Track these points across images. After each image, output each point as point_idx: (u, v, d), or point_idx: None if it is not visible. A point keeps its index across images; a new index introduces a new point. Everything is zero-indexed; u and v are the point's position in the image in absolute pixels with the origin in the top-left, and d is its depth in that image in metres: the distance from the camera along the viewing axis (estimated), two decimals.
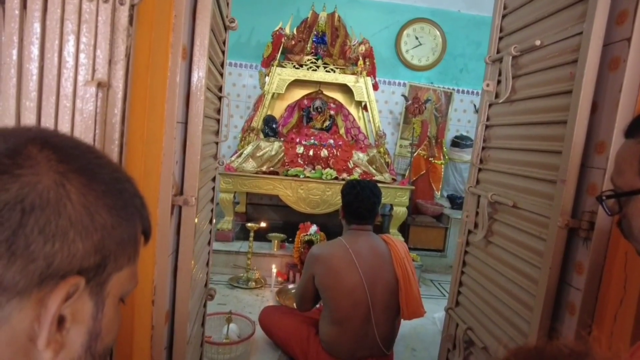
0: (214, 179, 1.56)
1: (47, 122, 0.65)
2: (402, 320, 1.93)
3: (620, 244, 1.02)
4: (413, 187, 3.80)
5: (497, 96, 1.57)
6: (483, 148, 1.63)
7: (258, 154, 3.55)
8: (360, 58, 3.89)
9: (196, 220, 1.14)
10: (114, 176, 0.39)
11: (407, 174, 4.15)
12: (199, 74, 1.03)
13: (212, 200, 1.55)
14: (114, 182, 0.38)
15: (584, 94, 1.09)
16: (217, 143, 1.53)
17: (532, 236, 1.28)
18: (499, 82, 1.57)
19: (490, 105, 1.61)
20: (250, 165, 3.53)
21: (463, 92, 4.52)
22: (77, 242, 0.34)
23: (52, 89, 0.65)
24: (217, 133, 1.51)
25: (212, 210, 1.56)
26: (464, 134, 4.43)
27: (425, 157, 4.22)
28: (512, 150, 1.45)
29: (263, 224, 3.41)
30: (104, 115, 0.68)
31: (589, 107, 1.10)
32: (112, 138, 0.69)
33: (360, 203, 1.87)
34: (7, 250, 0.32)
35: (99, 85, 0.66)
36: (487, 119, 1.62)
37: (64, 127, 0.66)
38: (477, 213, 1.61)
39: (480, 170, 1.64)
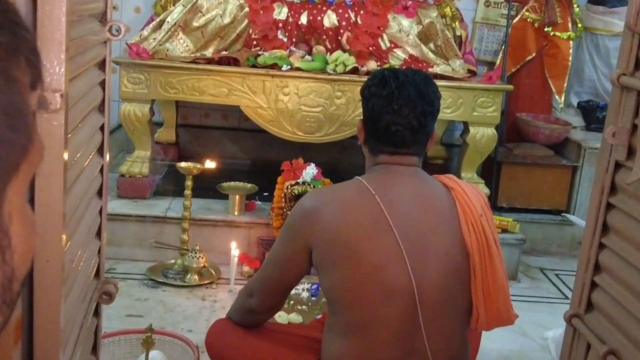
0: (102, 66, 1.56)
1: None
2: (479, 331, 1.99)
3: None
4: (511, 88, 3.75)
5: None
6: None
7: (195, 23, 3.50)
8: None
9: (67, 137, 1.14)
10: None
11: (498, 61, 4.09)
12: None
13: (100, 108, 1.55)
14: None
15: None
16: None
17: None
18: None
19: None
20: (182, 45, 3.50)
21: None
22: None
23: None
24: None
25: (101, 129, 1.56)
26: None
27: (536, 24, 4.15)
28: None
29: (211, 164, 3.42)
30: None
31: None
32: None
33: (397, 115, 1.86)
34: None
35: None
36: None
37: None
38: (634, 127, 1.59)
39: None
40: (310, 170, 3.26)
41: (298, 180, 3.23)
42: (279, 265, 1.97)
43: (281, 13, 3.55)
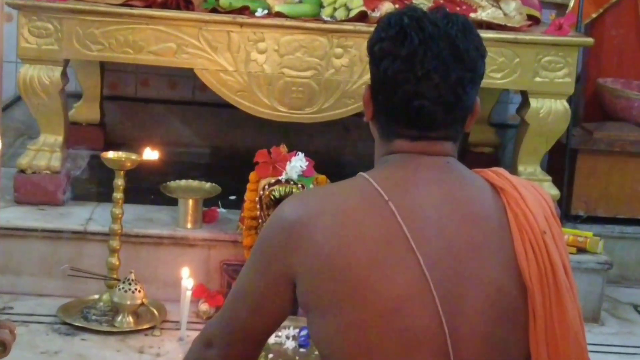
0: None
1: None
2: None
3: None
4: (591, 41, 3.78)
5: None
6: None
7: None
8: None
9: None
10: None
11: (572, 3, 4.13)
12: None
13: None
14: None
15: None
16: None
17: None
18: None
19: None
20: None
21: None
22: None
23: None
24: None
25: None
26: None
27: None
28: None
29: (152, 154, 3.44)
30: None
31: None
32: None
33: (422, 84, 1.84)
34: None
35: None
36: None
37: None
38: None
39: None
40: (297, 163, 3.27)
41: (279, 178, 3.23)
42: (249, 303, 1.96)
43: None
